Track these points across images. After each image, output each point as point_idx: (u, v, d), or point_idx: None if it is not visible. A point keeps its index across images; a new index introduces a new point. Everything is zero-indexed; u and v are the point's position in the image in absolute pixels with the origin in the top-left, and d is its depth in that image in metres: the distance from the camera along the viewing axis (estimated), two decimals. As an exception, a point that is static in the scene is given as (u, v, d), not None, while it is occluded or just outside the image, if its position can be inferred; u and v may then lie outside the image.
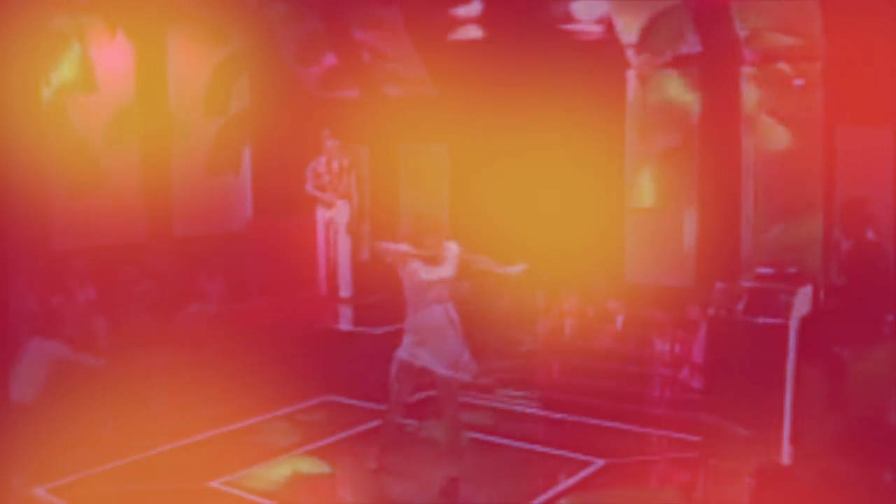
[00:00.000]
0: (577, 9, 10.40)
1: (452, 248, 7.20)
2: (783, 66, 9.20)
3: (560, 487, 7.30)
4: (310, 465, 7.84)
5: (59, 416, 7.53)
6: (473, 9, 10.95)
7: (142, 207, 10.69)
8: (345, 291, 11.29)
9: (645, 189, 10.00)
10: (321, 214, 11.31)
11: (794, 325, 6.44)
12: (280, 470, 7.71)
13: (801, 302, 6.61)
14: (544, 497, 7.13)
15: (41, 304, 8.95)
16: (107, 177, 10.31)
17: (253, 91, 11.81)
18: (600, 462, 7.69)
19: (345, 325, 10.74)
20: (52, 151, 9.85)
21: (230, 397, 8.75)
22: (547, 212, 10.47)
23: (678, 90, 9.80)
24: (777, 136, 9.29)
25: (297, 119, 11.93)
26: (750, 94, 9.38)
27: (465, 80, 10.91)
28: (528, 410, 9.06)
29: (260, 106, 11.78)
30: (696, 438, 7.03)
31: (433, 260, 7.10)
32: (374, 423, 8.12)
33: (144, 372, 8.52)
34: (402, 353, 7.27)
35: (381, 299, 10.24)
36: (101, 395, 7.79)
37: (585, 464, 7.68)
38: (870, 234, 7.82)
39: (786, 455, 6.32)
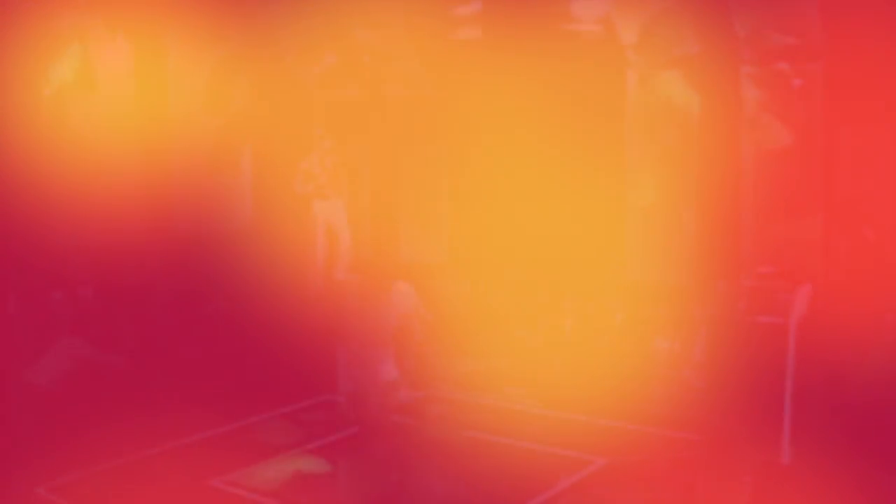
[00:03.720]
0: (577, 8, 10.39)
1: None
2: (783, 66, 9.20)
3: (560, 487, 7.29)
4: (310, 465, 7.84)
5: (64, 415, 7.53)
6: (473, 8, 10.94)
7: (142, 207, 10.68)
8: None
9: (645, 188, 9.99)
10: (318, 213, 11.31)
11: (794, 325, 6.43)
12: (280, 469, 7.71)
13: (801, 302, 6.60)
14: (544, 497, 7.12)
15: (54, 303, 8.97)
16: (107, 177, 10.30)
17: (253, 91, 11.81)
18: (600, 462, 7.69)
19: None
20: (52, 151, 9.85)
21: (230, 396, 8.75)
22: (547, 211, 10.47)
23: (678, 90, 9.80)
24: (777, 136, 9.29)
25: (297, 119, 11.92)
26: (750, 94, 9.38)
27: (466, 79, 10.91)
28: (528, 410, 9.05)
29: (260, 106, 11.78)
30: (696, 438, 7.03)
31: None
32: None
33: (145, 372, 8.52)
34: None
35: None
36: (103, 395, 7.79)
37: (585, 464, 7.67)
38: (869, 234, 7.82)
39: (786, 455, 6.32)
